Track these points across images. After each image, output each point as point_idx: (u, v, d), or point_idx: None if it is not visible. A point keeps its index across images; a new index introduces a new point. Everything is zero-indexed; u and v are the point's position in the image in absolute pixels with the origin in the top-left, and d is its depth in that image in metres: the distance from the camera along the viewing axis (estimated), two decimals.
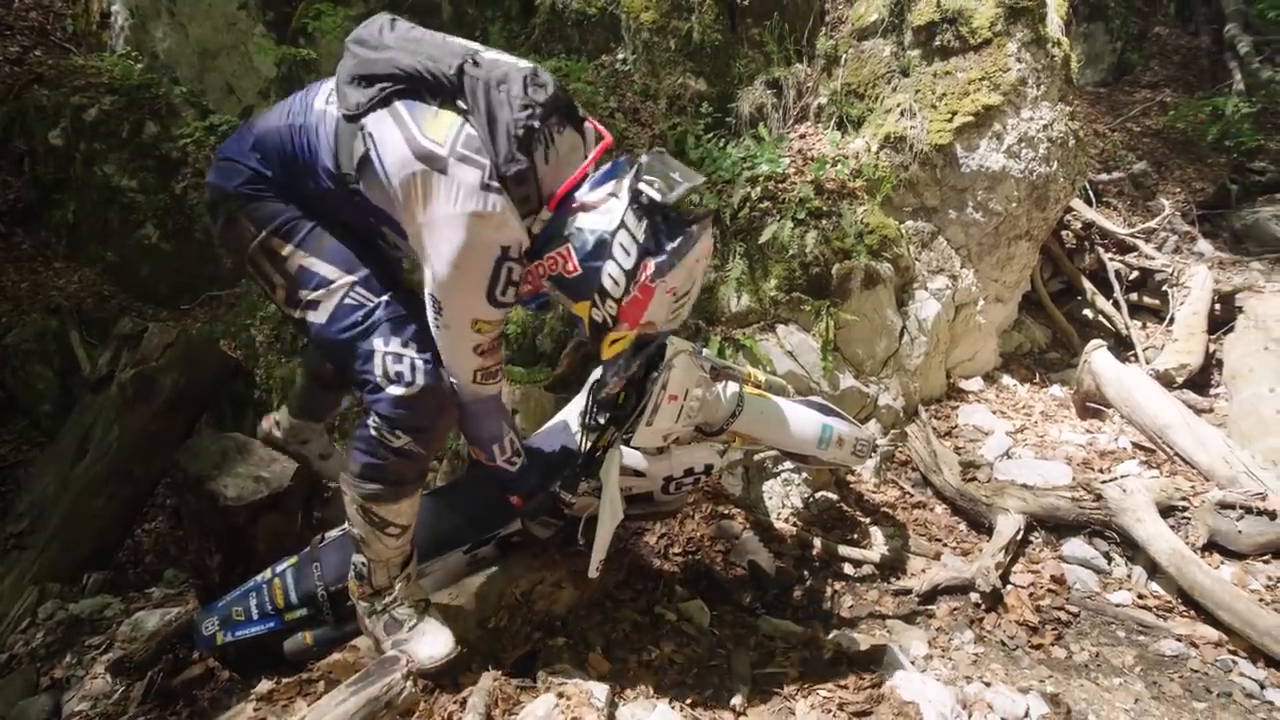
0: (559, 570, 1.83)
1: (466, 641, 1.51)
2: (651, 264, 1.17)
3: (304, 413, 1.92)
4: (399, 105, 1.17)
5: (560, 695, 1.28)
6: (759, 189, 3.06)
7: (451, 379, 1.30)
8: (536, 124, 1.15)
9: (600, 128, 1.31)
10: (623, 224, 1.18)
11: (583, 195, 1.22)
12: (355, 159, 1.20)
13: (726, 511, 2.57)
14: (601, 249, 1.19)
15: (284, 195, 1.30)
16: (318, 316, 1.27)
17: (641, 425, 1.63)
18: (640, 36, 3.56)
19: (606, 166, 1.26)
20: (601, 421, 1.69)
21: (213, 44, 4.67)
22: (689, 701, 1.53)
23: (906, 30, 3.27)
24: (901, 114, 3.17)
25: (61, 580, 2.81)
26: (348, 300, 1.26)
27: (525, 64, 1.21)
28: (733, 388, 1.88)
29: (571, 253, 1.21)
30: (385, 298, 1.28)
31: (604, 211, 1.20)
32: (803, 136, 3.40)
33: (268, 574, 1.79)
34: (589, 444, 1.71)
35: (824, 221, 3.00)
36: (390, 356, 1.24)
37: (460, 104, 1.16)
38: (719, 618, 2.04)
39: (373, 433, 1.28)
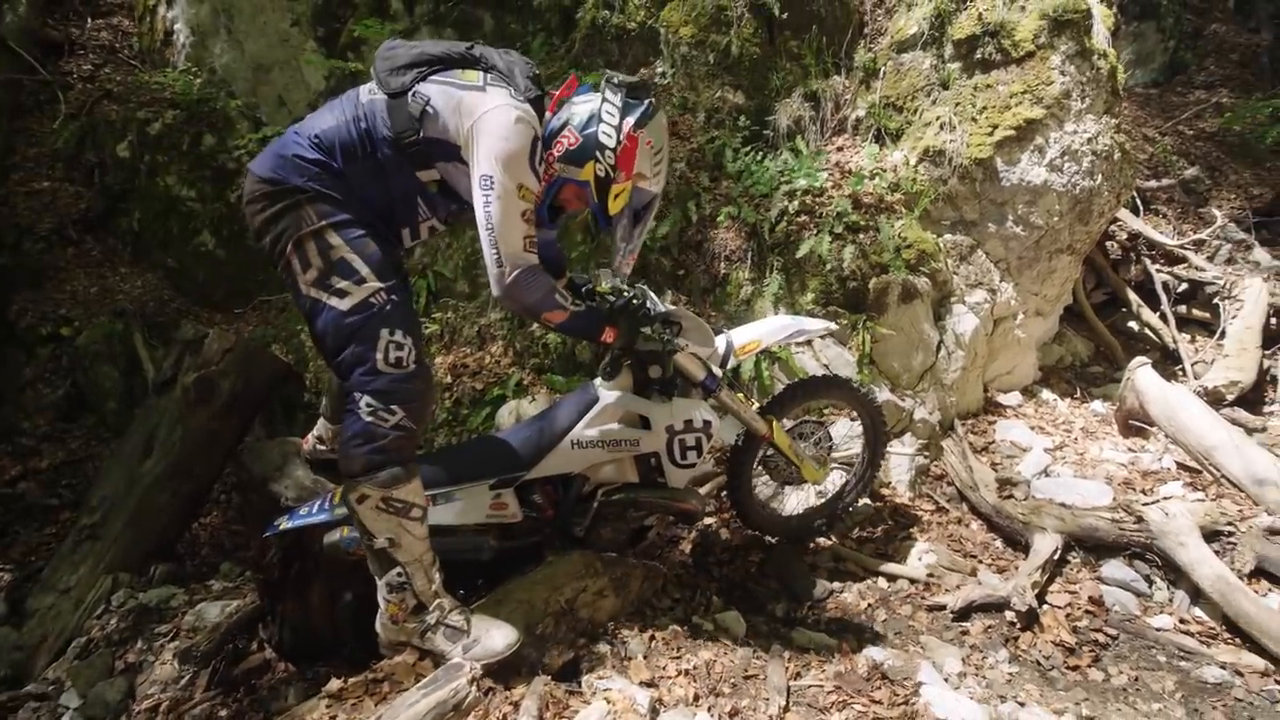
0: (602, 579, 1.90)
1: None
2: (631, 119, 1.66)
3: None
4: (435, 76, 1.60)
5: (607, 701, 1.35)
6: (796, 203, 3.09)
7: (504, 258, 1.56)
8: (538, 72, 1.66)
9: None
10: (604, 99, 1.67)
11: (573, 99, 1.71)
12: (413, 117, 1.56)
13: None
14: (591, 119, 1.67)
15: (344, 192, 1.57)
16: (340, 303, 1.52)
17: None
18: (679, 50, 3.61)
19: (579, 90, 1.76)
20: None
21: (267, 59, 4.88)
22: (727, 710, 1.58)
23: (947, 43, 3.26)
24: (941, 127, 3.16)
25: (131, 570, 3.00)
26: (371, 299, 1.52)
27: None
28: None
29: (571, 130, 1.67)
30: (397, 297, 1.56)
31: (588, 100, 1.70)
32: (840, 149, 3.42)
33: (337, 488, 1.96)
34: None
35: (861, 236, 3.01)
36: (393, 344, 1.52)
37: (478, 67, 1.63)
38: (754, 628, 2.09)
39: (366, 418, 1.51)
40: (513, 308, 1.61)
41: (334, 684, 1.39)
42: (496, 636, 1.54)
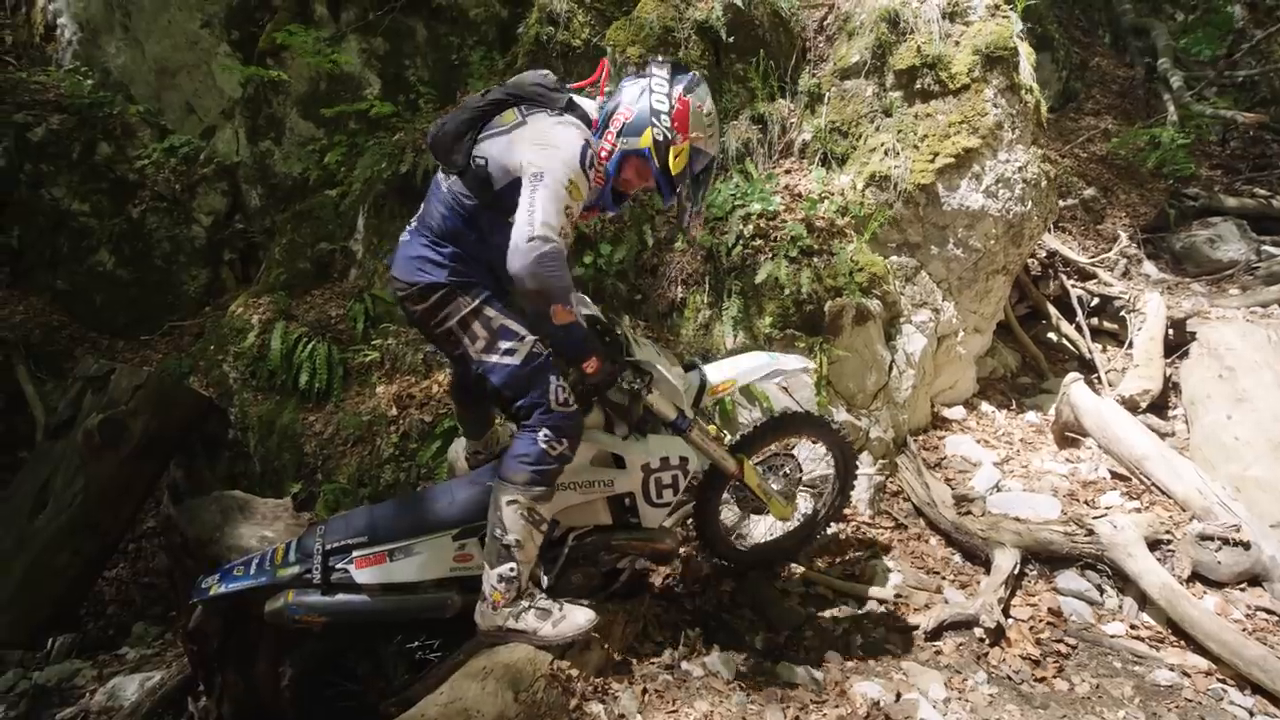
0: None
1: (505, 717, 1.47)
2: (679, 87, 1.79)
3: (476, 435, 2.27)
4: (482, 135, 1.79)
5: None
6: (751, 226, 3.10)
7: (536, 231, 1.61)
8: (555, 77, 1.85)
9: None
10: (651, 74, 1.81)
11: (622, 85, 1.85)
12: (483, 180, 1.76)
13: None
14: (643, 93, 1.79)
15: (475, 270, 1.81)
16: (515, 359, 1.77)
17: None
18: (627, 70, 3.57)
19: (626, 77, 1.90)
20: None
21: (172, 62, 4.46)
22: None
23: (888, 73, 3.37)
24: (885, 153, 3.27)
25: (21, 646, 2.62)
26: (535, 349, 1.78)
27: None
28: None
29: (626, 107, 1.80)
30: (548, 351, 1.80)
31: (637, 81, 1.83)
32: (789, 172, 3.46)
33: (280, 545, 1.87)
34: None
35: (816, 259, 3.05)
36: (560, 388, 1.77)
37: (509, 105, 1.80)
38: (739, 667, 2.05)
39: (542, 445, 1.72)
40: (529, 286, 1.61)
41: None
42: (579, 614, 1.77)
